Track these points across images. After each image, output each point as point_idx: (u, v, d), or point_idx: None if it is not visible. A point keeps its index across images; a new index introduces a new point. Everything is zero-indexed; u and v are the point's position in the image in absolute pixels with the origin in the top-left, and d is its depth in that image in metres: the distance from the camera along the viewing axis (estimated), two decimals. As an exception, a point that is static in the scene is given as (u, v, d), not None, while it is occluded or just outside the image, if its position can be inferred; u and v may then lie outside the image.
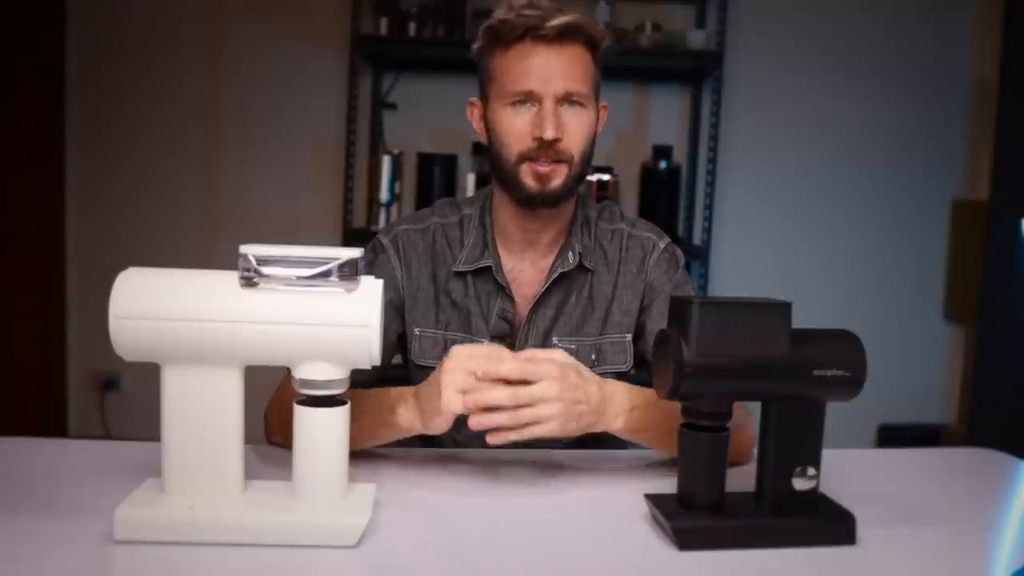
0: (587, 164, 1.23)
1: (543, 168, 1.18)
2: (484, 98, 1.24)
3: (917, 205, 3.22)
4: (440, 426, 1.01)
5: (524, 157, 1.19)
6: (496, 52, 1.20)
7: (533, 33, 1.16)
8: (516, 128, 1.19)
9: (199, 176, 3.16)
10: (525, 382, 0.97)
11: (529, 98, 1.17)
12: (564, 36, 1.16)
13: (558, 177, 1.19)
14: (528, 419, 0.97)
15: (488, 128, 1.23)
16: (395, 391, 1.08)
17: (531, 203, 1.22)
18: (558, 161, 1.19)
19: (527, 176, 1.19)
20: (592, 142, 1.23)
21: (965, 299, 3.15)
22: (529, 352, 1.03)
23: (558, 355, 1.01)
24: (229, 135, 3.14)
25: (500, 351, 1.00)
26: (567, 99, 1.17)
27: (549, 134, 1.16)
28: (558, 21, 1.15)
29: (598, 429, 1.05)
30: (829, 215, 3.22)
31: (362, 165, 3.09)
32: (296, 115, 3.13)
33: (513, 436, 0.98)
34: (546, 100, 1.16)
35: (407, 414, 1.04)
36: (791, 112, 3.17)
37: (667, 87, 3.17)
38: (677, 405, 0.96)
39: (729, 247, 3.16)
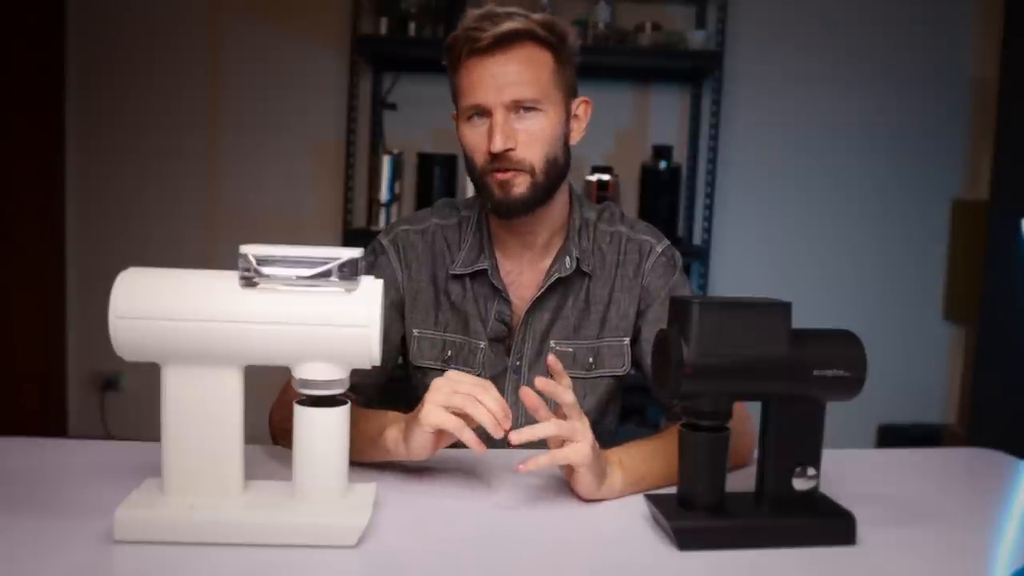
0: (555, 168, 1.20)
1: (503, 176, 1.18)
2: (456, 114, 1.24)
3: (917, 205, 3.22)
4: (419, 443, 0.99)
5: (485, 170, 1.19)
6: (455, 69, 1.20)
7: (471, 47, 1.15)
8: (474, 143, 1.19)
9: (199, 176, 3.15)
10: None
11: (481, 111, 1.17)
12: (505, 43, 1.14)
13: (519, 185, 1.18)
14: (567, 436, 0.98)
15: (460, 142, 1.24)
16: (392, 415, 1.08)
17: (499, 212, 1.22)
18: (517, 170, 1.18)
19: (493, 186, 1.19)
20: (560, 144, 1.21)
21: (965, 299, 3.15)
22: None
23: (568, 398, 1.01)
24: (229, 135, 3.14)
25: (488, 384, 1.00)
26: (518, 107, 1.16)
27: (496, 146, 1.15)
28: (491, 31, 1.13)
29: (603, 482, 1.02)
30: (829, 215, 3.22)
31: (362, 165, 3.09)
32: (296, 115, 3.13)
33: (545, 462, 0.98)
34: (496, 112, 1.16)
35: (392, 434, 1.03)
36: (791, 112, 3.17)
37: (667, 87, 3.17)
38: (662, 444, 0.97)
39: (729, 247, 3.16)
